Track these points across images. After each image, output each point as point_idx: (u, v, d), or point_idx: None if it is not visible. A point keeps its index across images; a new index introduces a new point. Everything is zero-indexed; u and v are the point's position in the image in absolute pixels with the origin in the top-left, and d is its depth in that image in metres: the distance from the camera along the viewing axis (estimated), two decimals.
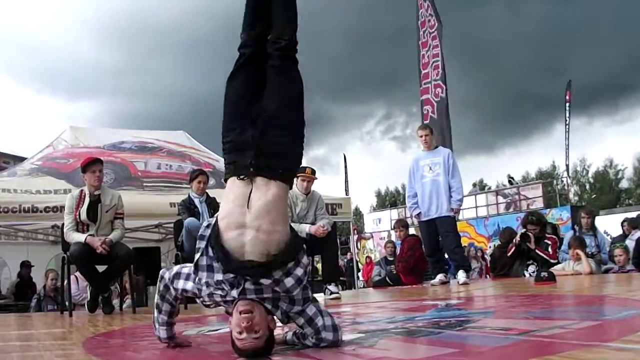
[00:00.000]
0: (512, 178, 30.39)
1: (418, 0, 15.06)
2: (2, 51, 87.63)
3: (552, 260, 9.01)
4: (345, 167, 27.62)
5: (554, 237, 9.69)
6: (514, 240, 9.44)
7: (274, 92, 2.93)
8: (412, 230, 12.08)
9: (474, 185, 29.97)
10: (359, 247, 29.09)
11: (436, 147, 9.09)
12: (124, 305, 7.96)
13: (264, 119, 2.83)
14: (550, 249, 9.16)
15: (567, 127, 27.67)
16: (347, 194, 24.88)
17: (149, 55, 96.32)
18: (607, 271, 8.78)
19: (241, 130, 2.87)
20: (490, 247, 20.85)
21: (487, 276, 13.07)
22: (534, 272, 8.97)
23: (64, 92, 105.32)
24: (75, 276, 8.50)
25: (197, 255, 2.71)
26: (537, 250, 9.12)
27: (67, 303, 7.05)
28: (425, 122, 14.11)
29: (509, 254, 9.57)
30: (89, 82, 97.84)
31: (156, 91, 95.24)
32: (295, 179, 7.52)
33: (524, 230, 9.40)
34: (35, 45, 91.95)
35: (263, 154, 2.77)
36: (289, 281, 2.62)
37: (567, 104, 27.33)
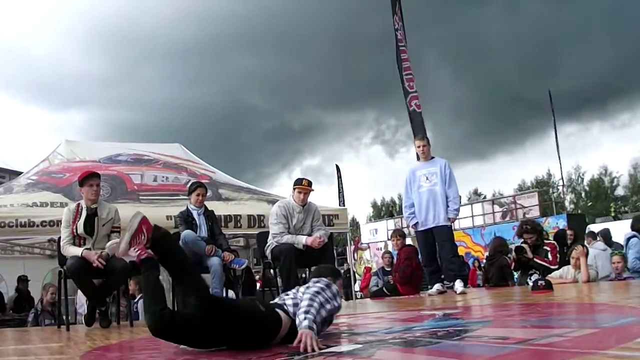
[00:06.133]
0: None
1: (393, 17, 14.62)
2: None
3: (552, 267, 8.98)
4: (339, 177, 27.48)
5: (553, 242, 9.67)
6: (512, 256, 9.44)
7: None
8: (408, 241, 12.07)
9: (475, 194, 30.04)
10: (355, 257, 29.10)
11: (432, 157, 9.10)
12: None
13: None
14: (550, 255, 9.13)
15: (556, 138, 27.76)
16: (340, 204, 24.76)
17: (135, 64, 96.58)
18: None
19: None
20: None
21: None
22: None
23: (51, 103, 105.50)
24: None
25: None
26: (535, 259, 9.11)
27: (64, 317, 7.03)
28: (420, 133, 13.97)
29: (512, 267, 9.60)
30: (76, 92, 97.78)
31: (144, 101, 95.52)
32: (292, 191, 7.56)
33: (521, 241, 9.39)
34: (21, 55, 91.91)
35: None
36: None
37: (553, 114, 27.43)
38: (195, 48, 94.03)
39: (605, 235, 11.57)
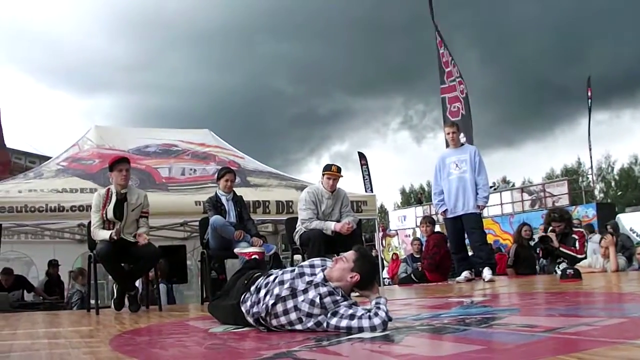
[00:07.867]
0: None
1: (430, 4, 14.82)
2: (15, 46, 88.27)
3: (578, 256, 8.91)
4: (362, 165, 27.25)
5: (581, 230, 9.59)
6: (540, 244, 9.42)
7: None
8: (437, 228, 12.03)
9: (504, 181, 29.79)
10: (384, 244, 29.04)
11: (462, 144, 9.06)
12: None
13: None
14: (577, 244, 9.06)
15: (589, 127, 27.44)
16: (367, 191, 24.59)
17: (161, 49, 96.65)
18: None
19: None
20: None
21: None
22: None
23: (79, 88, 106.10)
24: None
25: None
26: (561, 248, 9.04)
27: (93, 301, 7.10)
28: (455, 119, 13.95)
29: (541, 256, 9.56)
30: (104, 77, 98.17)
31: (171, 86, 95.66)
32: (321, 177, 7.55)
33: (549, 228, 9.32)
34: (48, 39, 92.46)
35: None
36: None
37: (589, 101, 27.05)
38: (221, 33, 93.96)
39: (614, 227, 11.53)
